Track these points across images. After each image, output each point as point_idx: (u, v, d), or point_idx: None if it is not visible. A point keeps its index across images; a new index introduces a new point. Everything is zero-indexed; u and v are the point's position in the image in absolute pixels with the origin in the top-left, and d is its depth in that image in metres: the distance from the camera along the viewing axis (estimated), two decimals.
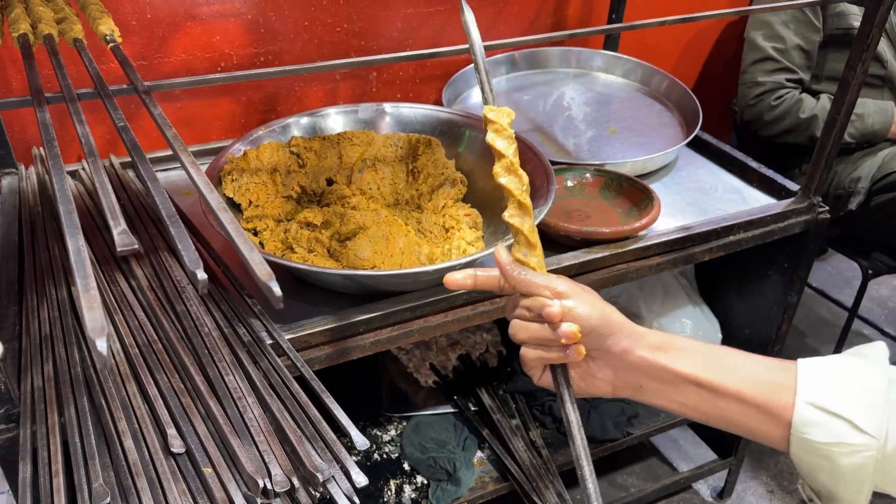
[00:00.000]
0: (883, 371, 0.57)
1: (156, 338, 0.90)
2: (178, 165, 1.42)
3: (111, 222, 0.47)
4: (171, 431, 0.76)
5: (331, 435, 0.76)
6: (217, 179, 1.12)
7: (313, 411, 0.81)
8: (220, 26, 1.44)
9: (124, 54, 0.81)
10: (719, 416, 0.63)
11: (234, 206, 1.12)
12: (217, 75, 0.82)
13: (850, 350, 0.62)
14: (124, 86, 0.82)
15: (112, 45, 0.82)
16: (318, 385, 0.87)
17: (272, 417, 0.78)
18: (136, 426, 0.77)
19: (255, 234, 1.10)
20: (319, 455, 0.75)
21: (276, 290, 0.45)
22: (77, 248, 0.45)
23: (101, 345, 0.38)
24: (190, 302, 0.95)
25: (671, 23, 1.15)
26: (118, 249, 0.45)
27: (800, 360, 0.61)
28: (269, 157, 1.16)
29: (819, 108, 1.70)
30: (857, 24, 1.11)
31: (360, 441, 0.83)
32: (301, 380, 0.89)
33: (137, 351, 0.88)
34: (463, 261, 1.00)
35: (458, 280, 0.76)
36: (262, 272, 0.44)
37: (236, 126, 1.57)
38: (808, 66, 1.73)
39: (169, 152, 1.42)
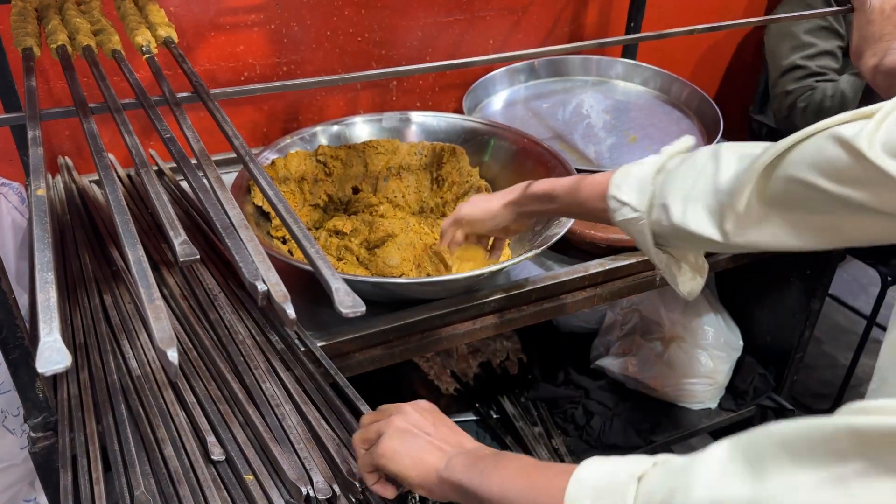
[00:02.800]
0: (660, 164, 0.82)
1: (191, 346, 0.90)
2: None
3: (170, 233, 0.48)
4: (211, 439, 0.76)
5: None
6: (246, 188, 1.13)
7: (348, 418, 0.81)
8: (243, 36, 1.46)
9: (158, 65, 0.81)
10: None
11: (264, 215, 1.13)
12: (249, 87, 0.82)
13: (665, 148, 0.86)
14: (157, 97, 0.83)
15: (147, 55, 0.83)
16: (352, 392, 0.88)
17: (309, 425, 0.78)
18: (175, 434, 0.78)
19: (284, 242, 1.11)
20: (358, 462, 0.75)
21: (291, 312, 0.44)
22: (137, 258, 0.45)
23: (173, 355, 0.39)
24: (223, 310, 0.96)
25: (697, 32, 1.15)
26: (180, 259, 0.45)
27: (618, 169, 0.86)
28: (297, 165, 1.17)
29: (844, 83, 1.64)
30: None
31: None
32: (333, 387, 0.90)
33: None
34: (492, 269, 1.00)
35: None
36: (278, 293, 0.44)
37: (258, 135, 1.58)
38: (836, 70, 1.71)
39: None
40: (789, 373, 1.57)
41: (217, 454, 0.74)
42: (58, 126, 1.41)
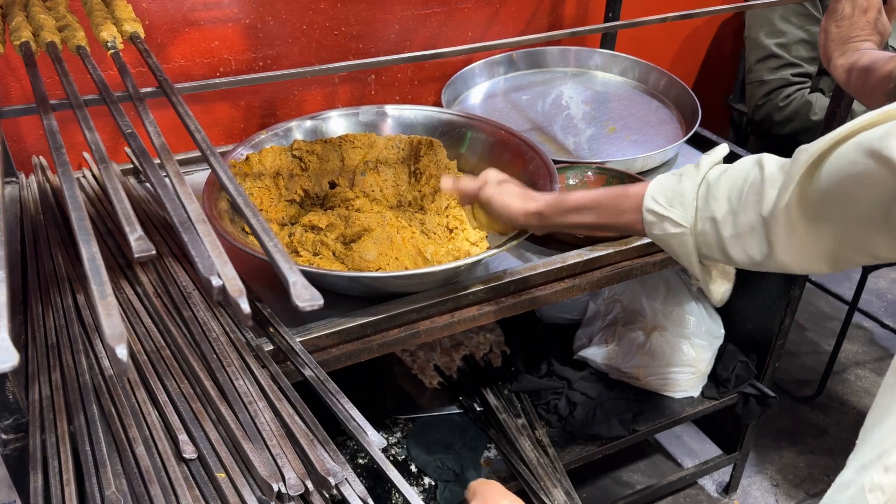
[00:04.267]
0: (701, 177, 0.80)
1: (164, 344, 0.89)
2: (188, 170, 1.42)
3: (127, 228, 0.47)
4: (183, 437, 0.76)
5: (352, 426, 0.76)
6: (220, 185, 1.12)
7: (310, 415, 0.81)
8: (218, 32, 1.44)
9: (123, 61, 0.80)
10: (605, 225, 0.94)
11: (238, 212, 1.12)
12: (217, 80, 0.81)
13: (694, 163, 0.85)
14: (122, 92, 0.82)
15: (112, 51, 0.82)
16: (332, 386, 0.87)
17: (283, 422, 0.78)
18: (147, 433, 0.77)
19: None
20: (332, 457, 0.75)
21: (245, 307, 0.43)
22: (91, 254, 0.44)
23: (122, 352, 0.38)
24: (197, 307, 0.95)
25: (670, 20, 1.15)
26: (136, 255, 0.45)
27: (653, 181, 0.86)
28: (272, 161, 1.16)
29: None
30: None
31: (377, 440, 0.83)
32: (309, 384, 0.89)
33: (146, 357, 0.87)
34: (469, 261, 1.00)
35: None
36: (233, 288, 0.43)
37: (235, 131, 1.57)
38: (813, 58, 1.71)
39: (178, 156, 1.42)
40: (771, 360, 1.58)
41: (189, 452, 0.74)
42: (32, 125, 1.39)
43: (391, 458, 1.44)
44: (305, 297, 0.44)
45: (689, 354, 1.57)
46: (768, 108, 1.75)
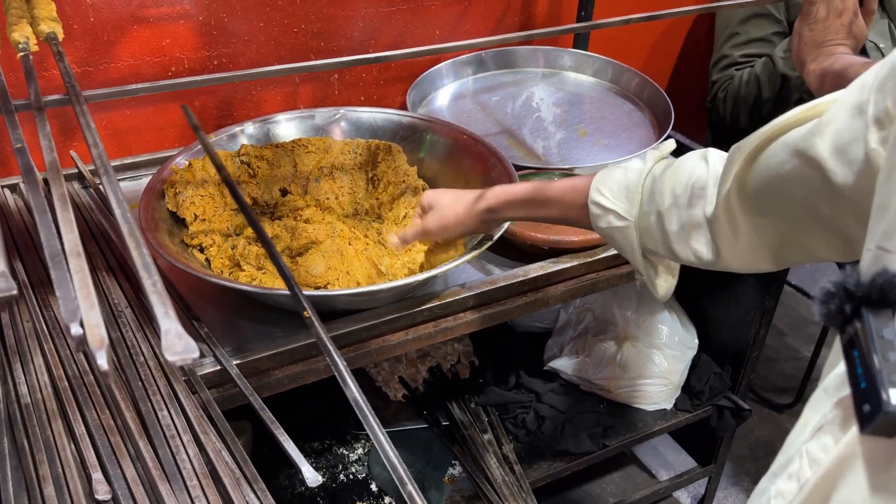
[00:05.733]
0: (647, 170, 0.80)
1: (87, 369, 0.83)
2: (128, 176, 1.35)
3: None
4: (97, 476, 0.69)
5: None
6: (160, 192, 1.05)
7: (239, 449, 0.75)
8: (169, 29, 1.37)
9: (31, 65, 0.73)
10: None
11: (179, 222, 1.05)
12: (130, 87, 0.75)
13: (642, 153, 0.87)
14: (59, 96, 0.75)
15: (23, 53, 0.75)
16: (268, 415, 0.81)
17: (207, 458, 0.71)
18: (60, 470, 0.71)
19: (202, 250, 1.04)
20: (259, 497, 0.69)
21: (102, 363, 0.36)
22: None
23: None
24: (126, 328, 0.89)
25: (635, 21, 1.10)
26: None
27: (598, 173, 0.85)
28: None
29: (758, 68, 1.58)
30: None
31: (312, 477, 0.77)
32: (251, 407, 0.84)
33: (67, 384, 0.81)
34: (423, 276, 0.94)
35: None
36: (94, 338, 0.37)
37: (190, 133, 1.49)
38: (767, 56, 1.66)
39: (127, 160, 1.35)
40: (745, 371, 1.53)
41: (102, 493, 0.68)
42: None
43: (350, 477, 1.38)
44: (177, 348, 0.37)
45: (662, 366, 1.52)
46: (717, 106, 1.70)
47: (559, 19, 1.79)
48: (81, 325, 0.39)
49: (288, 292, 0.93)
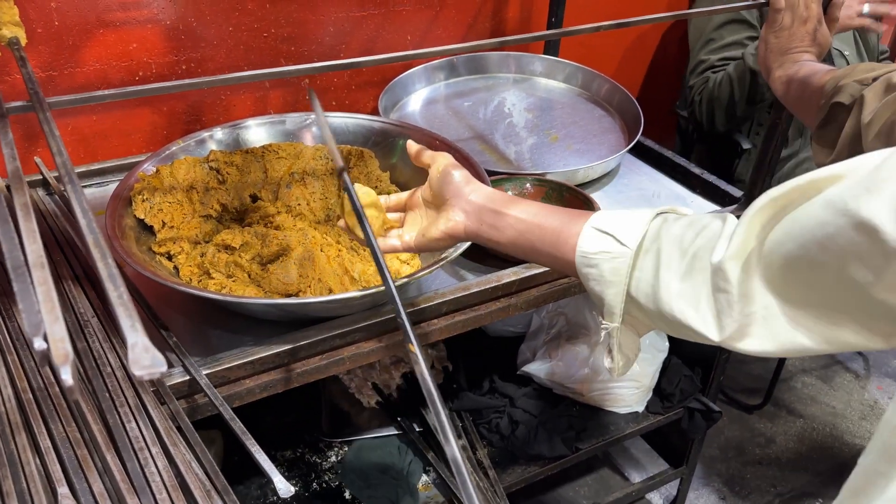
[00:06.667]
0: (657, 211, 0.70)
1: (53, 380, 0.81)
2: (95, 182, 1.33)
3: None
4: (63, 490, 0.68)
5: None
6: (126, 199, 1.03)
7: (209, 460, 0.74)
8: (136, 33, 1.35)
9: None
10: (529, 247, 0.76)
11: (147, 229, 1.04)
12: (95, 94, 0.72)
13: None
14: (22, 103, 0.73)
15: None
16: (238, 426, 0.80)
17: (177, 469, 0.70)
18: (24, 485, 0.69)
19: (170, 258, 1.02)
20: None
21: (68, 380, 0.34)
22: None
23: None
24: (93, 338, 0.87)
25: (605, 28, 1.10)
26: None
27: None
28: (185, 173, 1.08)
29: (731, 69, 1.61)
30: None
31: (284, 488, 0.76)
32: (221, 417, 0.82)
33: (31, 396, 0.79)
34: (400, 282, 0.93)
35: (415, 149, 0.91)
36: (59, 352, 0.35)
37: (158, 138, 1.48)
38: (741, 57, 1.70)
39: (94, 166, 1.33)
40: (715, 374, 1.55)
41: None
42: None
43: (324, 485, 1.37)
44: (145, 362, 0.37)
45: (634, 369, 1.53)
46: (694, 111, 1.73)
47: (530, 25, 1.80)
48: (45, 338, 0.38)
49: (259, 301, 0.92)
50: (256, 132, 1.22)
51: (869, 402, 2.12)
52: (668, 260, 0.64)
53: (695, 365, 1.60)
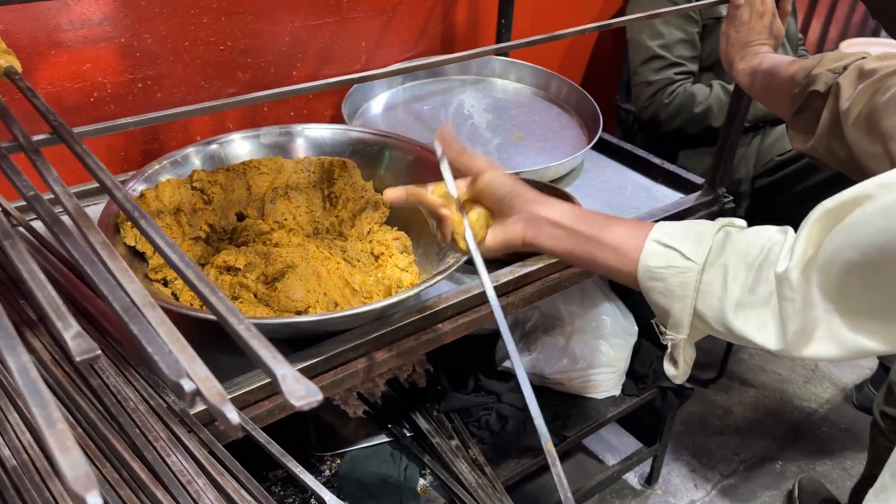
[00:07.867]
0: (720, 224, 0.72)
1: (74, 422, 0.77)
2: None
3: (59, 324, 0.38)
4: None
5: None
6: (114, 226, 1.00)
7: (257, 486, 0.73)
8: (89, 53, 1.30)
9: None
10: (587, 258, 0.78)
11: (138, 256, 1.00)
12: (108, 124, 0.70)
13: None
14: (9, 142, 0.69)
15: None
16: (276, 449, 0.79)
17: (229, 499, 0.69)
18: None
19: (166, 284, 0.99)
20: None
21: (233, 417, 0.35)
22: (22, 366, 0.35)
23: (95, 500, 0.30)
24: (105, 373, 0.83)
25: (561, 37, 1.10)
26: (77, 358, 0.36)
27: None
28: (171, 196, 1.05)
29: (713, 98, 1.74)
30: (724, 13, 1.16)
31: None
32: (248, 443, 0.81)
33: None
34: (415, 290, 0.94)
35: (394, 196, 0.88)
36: (212, 392, 0.35)
37: (116, 159, 1.42)
38: (693, 56, 1.79)
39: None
40: None
41: None
42: None
43: (321, 501, 1.35)
44: (300, 392, 0.36)
45: (609, 354, 1.58)
46: (655, 108, 1.81)
47: (478, 26, 1.83)
48: (189, 378, 0.37)
49: (275, 320, 0.91)
50: (239, 146, 1.20)
51: (810, 366, 2.27)
52: (735, 274, 0.66)
53: (663, 347, 1.66)
